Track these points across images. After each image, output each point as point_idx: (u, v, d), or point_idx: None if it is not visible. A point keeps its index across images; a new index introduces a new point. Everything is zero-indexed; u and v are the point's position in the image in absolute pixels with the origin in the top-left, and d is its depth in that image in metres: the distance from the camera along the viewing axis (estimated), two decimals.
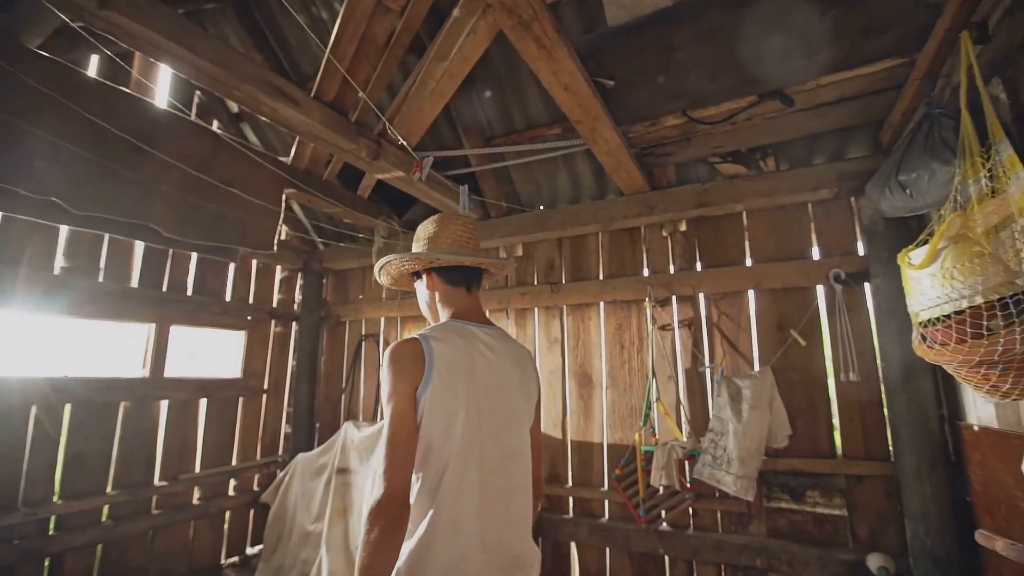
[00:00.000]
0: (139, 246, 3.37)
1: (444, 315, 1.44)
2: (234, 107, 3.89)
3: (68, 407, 2.98)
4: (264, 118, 2.18)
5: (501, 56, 2.95)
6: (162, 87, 3.62)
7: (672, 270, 3.17)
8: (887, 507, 2.47)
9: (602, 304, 3.35)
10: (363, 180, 3.32)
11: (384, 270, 1.54)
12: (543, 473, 3.31)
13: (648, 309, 3.09)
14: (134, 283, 3.32)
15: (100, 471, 3.09)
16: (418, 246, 1.50)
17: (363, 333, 4.21)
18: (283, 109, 2.13)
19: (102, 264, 3.18)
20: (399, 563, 1.16)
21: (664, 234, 3.23)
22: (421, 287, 1.51)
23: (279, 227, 2.85)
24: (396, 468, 1.14)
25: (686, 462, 2.79)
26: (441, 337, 1.28)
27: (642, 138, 2.71)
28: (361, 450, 3.35)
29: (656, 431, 2.93)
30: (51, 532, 2.87)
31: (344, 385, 4.18)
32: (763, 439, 2.50)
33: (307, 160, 3.00)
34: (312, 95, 2.27)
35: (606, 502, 3.13)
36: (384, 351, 1.67)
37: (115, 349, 3.55)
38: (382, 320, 4.17)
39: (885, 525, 2.46)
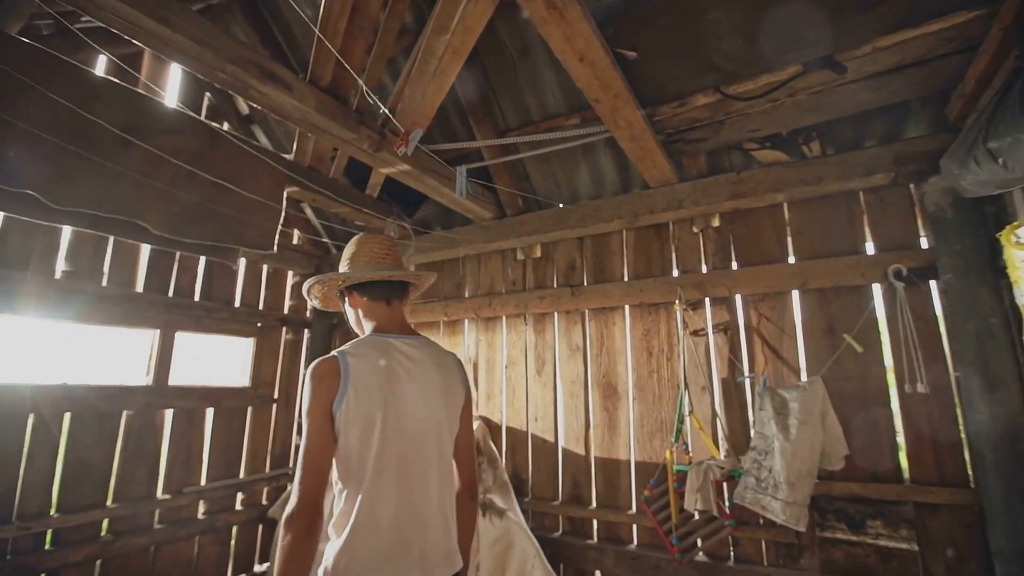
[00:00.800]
0: (145, 249, 3.28)
1: (367, 329, 1.49)
2: (244, 108, 3.80)
3: (68, 416, 2.87)
4: (255, 104, 2.02)
5: (513, 41, 2.75)
6: (171, 89, 3.56)
7: (704, 269, 2.88)
8: (968, 542, 2.10)
9: (627, 308, 3.07)
10: (371, 178, 3.15)
11: (311, 293, 1.63)
12: (564, 493, 3.05)
13: (678, 312, 2.80)
14: (139, 288, 3.22)
15: (100, 483, 2.97)
16: (341, 267, 1.59)
17: None
18: (273, 93, 1.96)
19: (106, 268, 3.09)
20: (326, 562, 1.25)
21: (695, 230, 2.94)
22: (346, 306, 1.58)
23: (279, 226, 2.69)
24: (309, 478, 1.23)
25: (724, 484, 2.47)
26: (358, 352, 1.36)
27: (669, 121, 2.45)
28: None
29: (689, 448, 2.62)
30: (47, 547, 2.75)
31: None
32: (815, 460, 2.17)
33: (310, 156, 2.84)
34: (307, 79, 2.10)
35: (634, 527, 2.83)
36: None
37: (117, 356, 3.46)
38: None
39: (966, 563, 2.09)
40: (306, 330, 4.17)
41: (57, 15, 1.98)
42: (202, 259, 3.57)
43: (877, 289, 2.41)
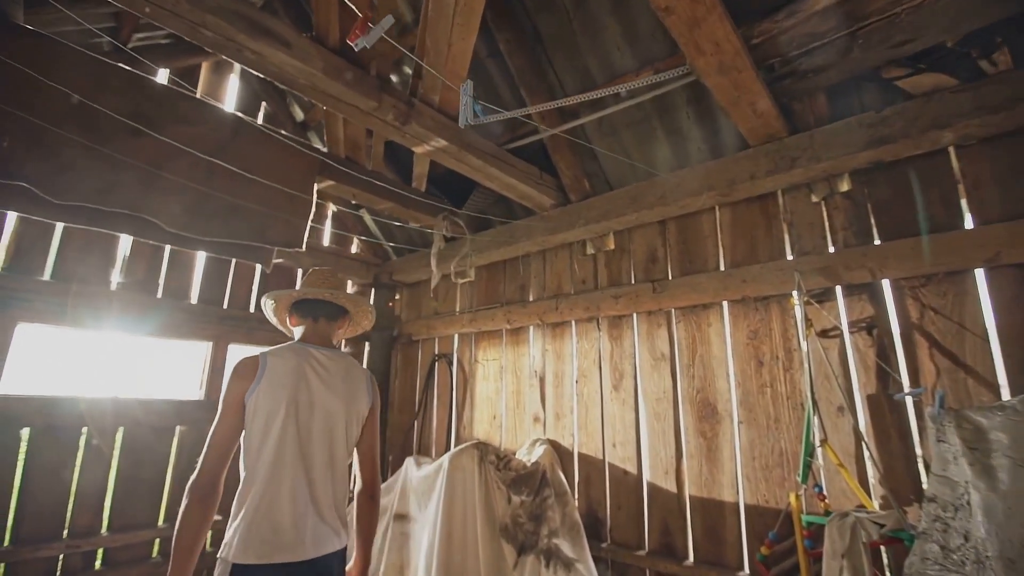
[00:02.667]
0: (200, 260, 3.22)
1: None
2: (299, 115, 3.70)
3: (121, 430, 2.81)
4: (251, 69, 1.74)
5: None
6: (230, 101, 3.54)
7: (832, 248, 2.16)
8: None
9: (726, 304, 2.41)
10: (414, 168, 2.82)
11: (269, 313, 1.83)
12: (652, 540, 2.41)
13: (798, 307, 2.10)
14: (193, 299, 3.15)
15: (152, 501, 2.87)
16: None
17: (435, 352, 3.68)
18: (269, 53, 1.67)
19: (161, 280, 3.05)
20: (226, 537, 1.43)
21: (815, 199, 2.23)
22: (288, 325, 1.82)
23: (309, 222, 2.42)
24: (211, 456, 1.43)
25: (884, 549, 1.73)
26: (277, 353, 1.57)
27: (772, 45, 1.83)
28: (419, 493, 2.75)
29: (824, 491, 1.90)
30: (97, 567, 2.66)
31: (416, 412, 3.67)
32: None
33: (343, 144, 2.57)
34: (312, 37, 1.79)
35: None
36: (457, 372, 2.71)
37: (172, 369, 3.43)
38: (456, 337, 3.61)
39: None
40: (366, 343, 3.94)
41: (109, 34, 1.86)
42: (258, 267, 3.47)
43: None
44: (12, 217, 2.58)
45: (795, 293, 2.14)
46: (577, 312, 2.91)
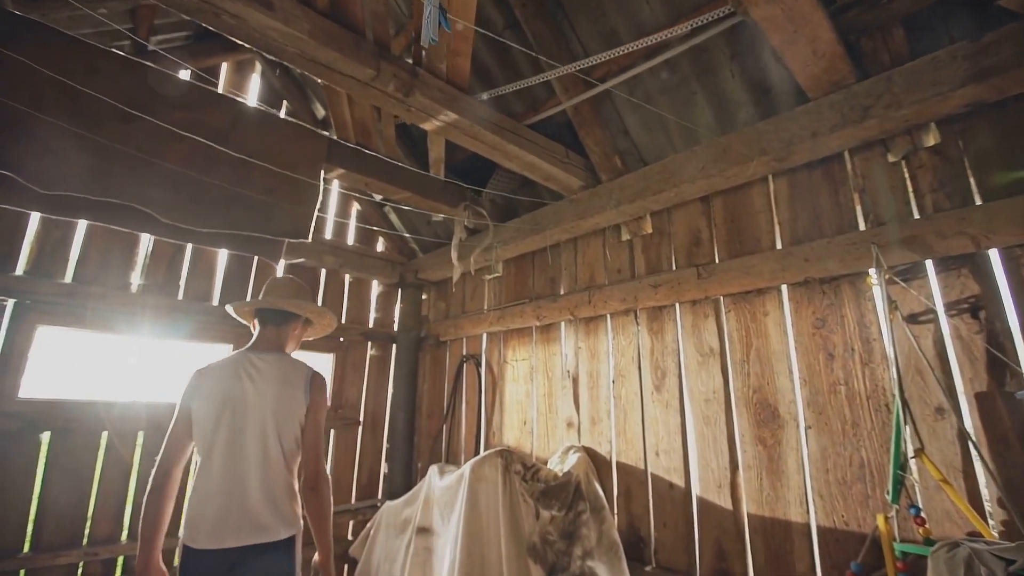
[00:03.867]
0: (221, 262, 3.16)
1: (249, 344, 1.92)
2: (321, 112, 3.61)
3: (141, 434, 2.75)
4: (231, 36, 1.58)
5: None
6: (251, 98, 3.49)
7: (916, 214, 1.78)
8: None
9: (785, 289, 2.06)
10: (430, 152, 2.62)
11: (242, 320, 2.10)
12: (704, 564, 2.07)
13: (877, 288, 1.74)
14: (215, 301, 3.09)
15: (174, 507, 2.78)
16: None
17: (464, 353, 3.47)
18: (250, 16, 1.51)
19: (182, 281, 3.00)
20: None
21: (892, 158, 1.86)
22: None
23: (316, 211, 2.26)
24: (165, 453, 1.72)
25: None
26: (211, 367, 1.81)
27: None
28: (442, 505, 2.52)
29: (922, 512, 1.53)
30: (117, 575, 2.59)
31: (444, 416, 3.46)
32: None
33: (352, 128, 2.41)
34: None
35: None
36: (485, 374, 3.10)
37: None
38: (483, 337, 3.38)
39: None
40: (393, 345, 3.78)
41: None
42: (280, 267, 3.38)
43: None
44: (34, 221, 2.58)
45: (873, 271, 1.78)
46: (612, 304, 2.61)
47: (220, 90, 3.15)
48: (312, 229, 2.24)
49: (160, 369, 2.79)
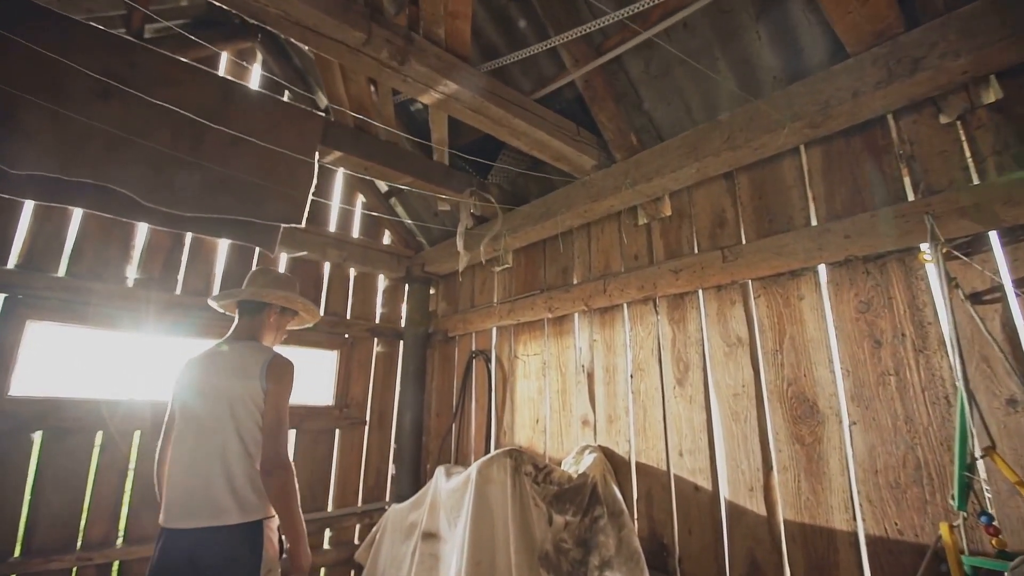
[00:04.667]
0: (221, 256, 3.05)
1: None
2: (324, 101, 3.49)
3: (137, 434, 2.65)
4: None
5: None
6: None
7: (975, 179, 1.56)
8: None
9: (823, 269, 1.85)
10: (432, 133, 2.47)
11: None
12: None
13: (932, 265, 1.53)
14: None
15: None
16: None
17: (473, 349, 3.31)
18: None
19: (180, 276, 2.90)
20: None
21: (945, 119, 1.64)
22: None
23: (310, 195, 2.13)
24: (161, 440, 1.87)
25: None
26: (194, 356, 1.92)
27: None
28: (449, 509, 2.36)
29: (995, 522, 1.31)
30: None
31: (453, 415, 3.30)
32: None
33: (348, 107, 2.26)
34: None
35: None
36: (495, 370, 3.04)
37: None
38: (494, 331, 3.22)
39: None
40: (400, 342, 3.64)
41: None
42: (282, 260, 3.27)
43: None
44: (27, 214, 2.50)
45: (926, 246, 1.57)
46: (629, 293, 2.42)
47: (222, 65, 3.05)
48: (306, 214, 2.10)
49: (157, 367, 2.68)
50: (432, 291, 3.76)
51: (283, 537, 1.73)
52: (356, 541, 3.21)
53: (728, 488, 1.97)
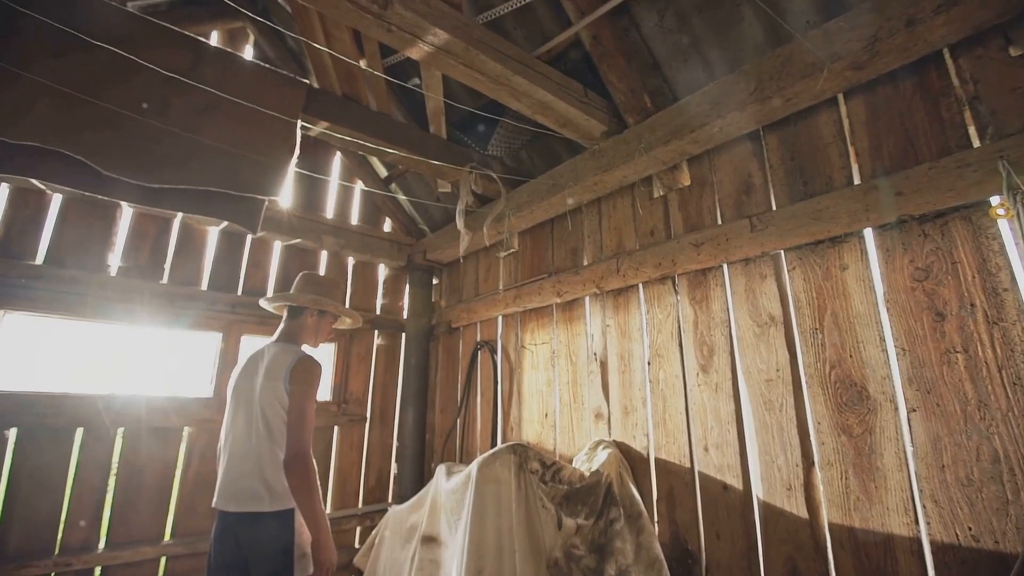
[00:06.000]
0: (211, 244, 2.90)
1: None
2: (316, 83, 3.32)
3: (120, 431, 2.49)
4: None
5: None
6: None
7: None
8: None
9: (869, 233, 1.61)
10: (427, 102, 2.27)
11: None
12: None
13: (1011, 219, 1.29)
14: (203, 285, 2.82)
15: (157, 513, 2.51)
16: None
17: (478, 340, 3.10)
18: None
19: (167, 264, 2.74)
20: None
21: (1015, 52, 1.39)
22: None
23: (292, 167, 1.94)
24: (222, 430, 1.95)
25: None
26: (243, 359, 2.03)
27: None
28: (449, 511, 2.16)
29: None
30: None
31: (458, 410, 3.10)
32: None
33: (334, 74, 2.08)
34: None
35: None
36: (501, 361, 2.88)
37: (179, 364, 3.13)
38: (500, 320, 3.01)
39: None
40: (403, 334, 3.45)
41: None
42: (276, 249, 3.10)
43: None
44: (2, 198, 2.36)
45: (999, 198, 1.32)
46: (645, 272, 2.20)
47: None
48: (284, 186, 1.92)
49: (143, 360, 2.54)
50: (435, 281, 3.57)
51: None
52: (356, 545, 3.02)
53: (762, 487, 1.73)
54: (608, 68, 2.09)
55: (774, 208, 1.85)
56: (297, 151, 1.96)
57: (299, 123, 1.99)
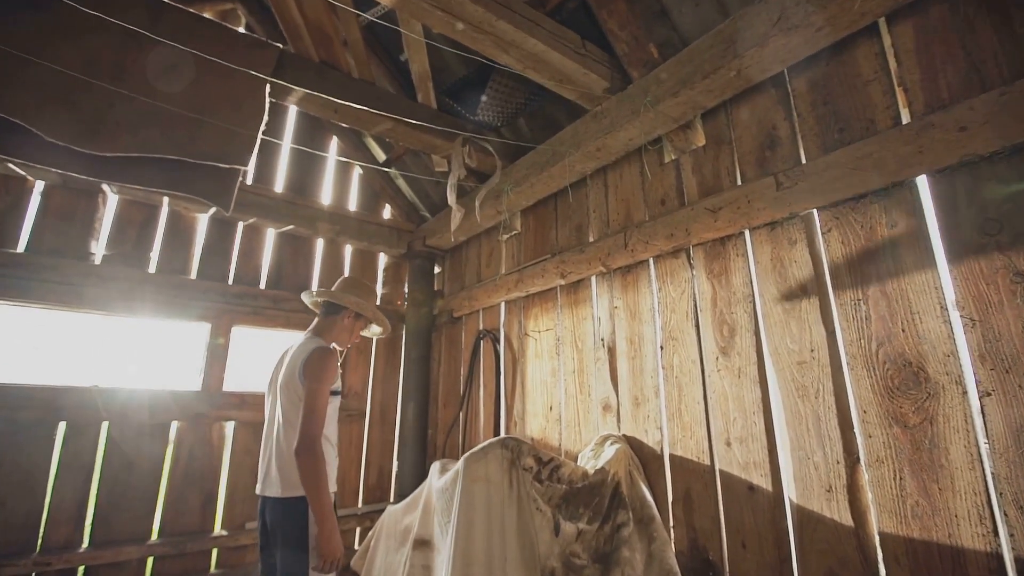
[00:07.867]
0: (200, 231, 2.78)
1: None
2: None
3: (105, 426, 2.39)
4: None
5: None
6: None
7: None
8: None
9: (923, 182, 1.33)
10: (411, 65, 2.08)
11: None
12: None
13: None
14: (192, 275, 2.70)
15: (143, 511, 2.40)
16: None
17: (480, 329, 2.90)
18: None
19: (154, 252, 2.64)
20: None
21: None
22: None
23: (260, 134, 1.78)
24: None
25: None
26: (278, 354, 2.10)
27: None
28: (440, 511, 1.95)
29: None
30: None
31: (460, 404, 2.90)
32: None
33: (308, 35, 1.91)
34: None
35: None
36: (504, 351, 2.72)
37: (166, 355, 3.02)
38: (502, 307, 2.80)
39: None
40: (403, 324, 3.27)
41: None
42: (269, 237, 2.97)
43: None
44: None
45: None
46: (656, 245, 1.95)
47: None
48: (252, 155, 1.75)
49: (129, 352, 2.43)
50: (437, 269, 3.38)
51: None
52: (356, 546, 2.86)
53: (795, 488, 1.46)
54: (608, 14, 1.85)
55: (803, 161, 1.58)
56: (266, 117, 1.80)
57: (267, 86, 1.82)
